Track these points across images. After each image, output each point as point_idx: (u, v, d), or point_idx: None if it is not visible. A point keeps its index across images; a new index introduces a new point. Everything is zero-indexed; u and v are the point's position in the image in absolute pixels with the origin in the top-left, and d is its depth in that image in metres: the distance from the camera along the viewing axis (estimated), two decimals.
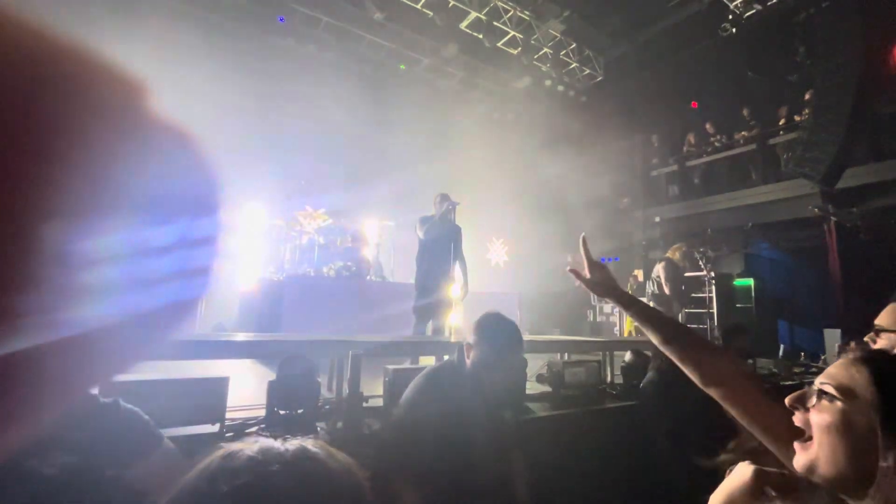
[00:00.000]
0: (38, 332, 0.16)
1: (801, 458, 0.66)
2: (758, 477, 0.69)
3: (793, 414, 0.69)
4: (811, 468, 0.64)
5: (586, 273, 1.20)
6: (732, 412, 0.90)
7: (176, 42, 6.61)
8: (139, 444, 1.06)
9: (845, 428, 0.61)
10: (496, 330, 1.66)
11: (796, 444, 0.68)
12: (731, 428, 0.97)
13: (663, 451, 2.26)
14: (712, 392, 0.94)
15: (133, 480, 1.00)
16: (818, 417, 0.65)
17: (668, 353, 1.03)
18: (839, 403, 0.63)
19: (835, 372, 0.67)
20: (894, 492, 0.56)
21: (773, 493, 0.66)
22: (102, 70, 0.20)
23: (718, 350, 1.02)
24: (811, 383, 0.70)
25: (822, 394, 0.66)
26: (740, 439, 0.91)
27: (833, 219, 7.14)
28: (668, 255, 5.95)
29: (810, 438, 0.66)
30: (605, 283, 1.19)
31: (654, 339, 1.05)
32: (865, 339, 1.25)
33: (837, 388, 0.64)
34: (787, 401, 0.72)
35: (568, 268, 1.29)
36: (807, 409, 0.68)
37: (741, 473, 0.71)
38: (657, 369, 2.66)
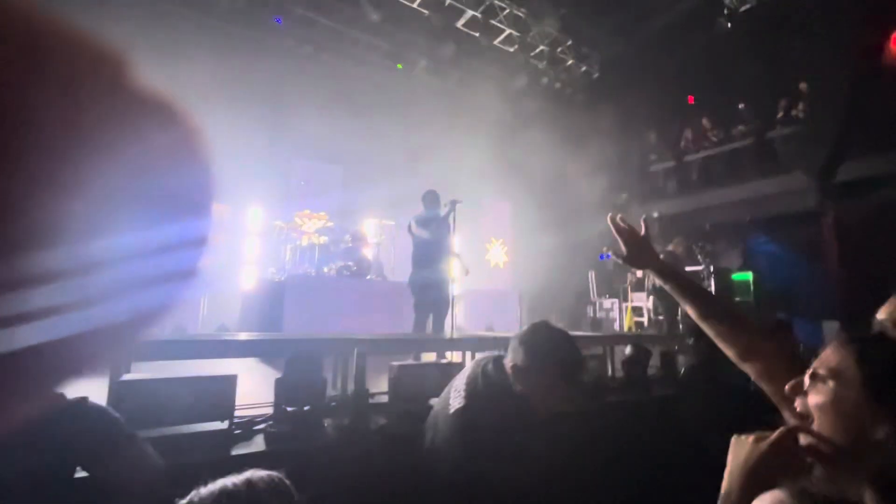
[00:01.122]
0: (21, 333, 0.15)
1: (804, 441, 0.69)
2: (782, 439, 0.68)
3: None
4: (817, 451, 0.67)
5: (622, 250, 1.17)
6: (768, 391, 0.90)
7: (172, 45, 6.61)
8: (107, 442, 1.04)
9: (836, 406, 0.65)
10: (559, 350, 1.39)
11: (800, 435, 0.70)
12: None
13: (706, 436, 2.27)
14: (748, 368, 0.94)
15: (102, 478, 1.00)
16: (813, 399, 0.69)
17: (705, 327, 1.02)
18: (830, 383, 0.67)
19: (826, 355, 0.71)
20: (887, 462, 0.59)
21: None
22: (77, 45, 0.17)
23: (758, 327, 1.00)
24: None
25: (815, 377, 0.70)
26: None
27: (831, 212, 7.17)
28: (671, 248, 5.98)
29: (813, 421, 0.69)
30: (644, 256, 1.16)
31: (693, 314, 1.04)
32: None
33: (828, 369, 0.68)
34: (786, 389, 0.74)
35: (606, 249, 1.25)
36: (805, 395, 0.71)
37: (759, 446, 0.70)
38: (698, 355, 2.68)
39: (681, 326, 6.21)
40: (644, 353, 3.26)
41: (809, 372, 0.72)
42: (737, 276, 7.83)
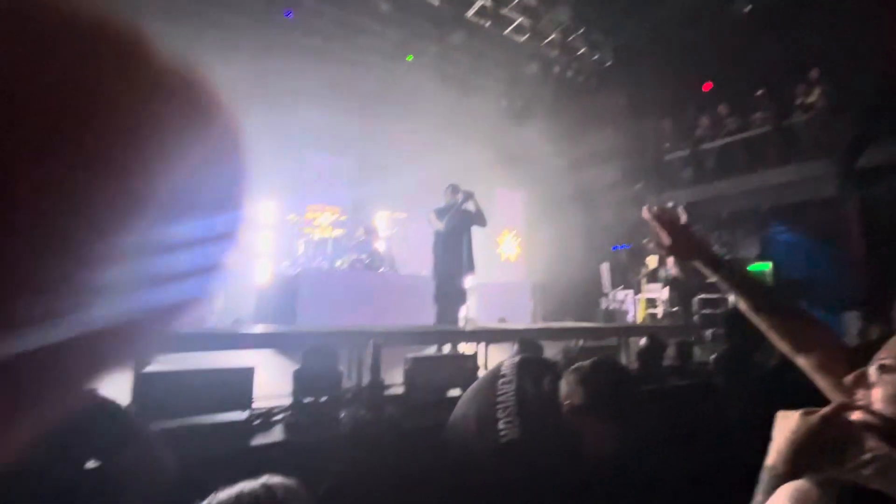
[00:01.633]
0: (51, 332, 0.15)
1: (861, 416, 0.68)
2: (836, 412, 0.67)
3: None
4: (872, 425, 0.66)
5: (665, 241, 1.09)
6: (823, 384, 0.87)
7: (179, 39, 6.64)
8: (119, 433, 1.03)
9: None
10: (622, 398, 1.32)
11: (855, 408, 0.69)
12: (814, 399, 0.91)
13: (738, 424, 2.25)
14: (802, 361, 0.90)
15: (112, 472, 1.01)
16: (884, 390, 0.66)
17: (758, 319, 0.98)
18: None
19: (894, 346, 0.69)
20: None
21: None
22: (96, 25, 0.16)
23: (812, 318, 0.96)
24: None
25: (883, 368, 0.67)
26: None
27: (853, 199, 6.99)
28: None
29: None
30: (690, 247, 1.08)
31: (744, 306, 1.00)
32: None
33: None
34: (846, 380, 0.72)
35: (646, 241, 1.16)
36: (868, 388, 0.69)
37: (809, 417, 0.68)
38: (730, 344, 2.66)
39: (695, 318, 6.13)
40: (659, 345, 3.23)
41: (877, 363, 0.69)
42: (754, 266, 7.69)
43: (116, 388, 2.30)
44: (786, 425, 0.69)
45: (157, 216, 0.18)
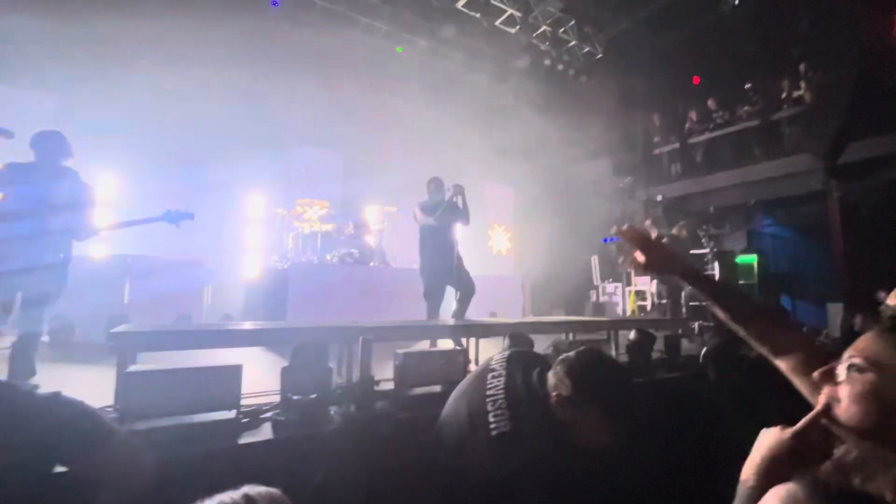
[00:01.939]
0: None
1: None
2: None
3: None
4: (837, 427, 0.68)
5: (640, 259, 1.10)
6: (801, 385, 0.89)
7: (170, 32, 6.51)
8: (86, 436, 1.00)
9: (875, 396, 0.64)
10: (610, 386, 1.32)
11: (822, 400, 0.71)
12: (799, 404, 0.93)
13: (729, 412, 2.29)
14: (782, 363, 0.93)
15: (83, 474, 0.98)
16: (850, 389, 0.67)
17: (736, 327, 1.01)
18: (869, 374, 0.66)
19: (863, 345, 0.69)
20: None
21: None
22: None
23: (788, 323, 1.01)
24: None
25: (852, 366, 0.68)
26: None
27: (836, 194, 7.10)
28: (674, 232, 5.95)
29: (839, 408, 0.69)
30: (665, 260, 1.09)
31: (722, 316, 1.02)
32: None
33: (866, 359, 0.67)
34: (814, 376, 0.73)
35: (619, 261, 1.16)
36: (836, 384, 0.70)
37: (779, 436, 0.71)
38: (720, 336, 2.70)
39: (684, 310, 6.21)
40: (648, 338, 3.26)
41: (845, 361, 0.70)
42: (741, 259, 7.80)
43: (100, 387, 2.25)
44: (763, 440, 0.71)
45: None
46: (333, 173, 8.19)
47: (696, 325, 5.70)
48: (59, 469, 0.97)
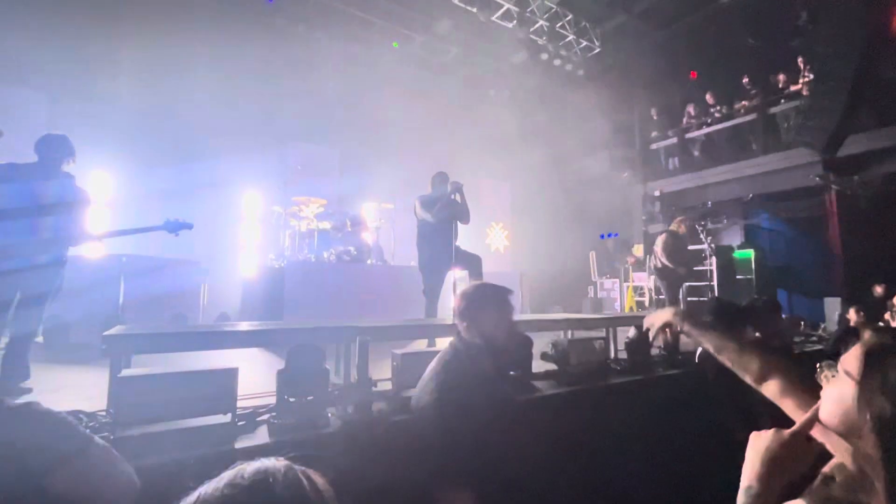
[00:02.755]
0: None
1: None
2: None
3: None
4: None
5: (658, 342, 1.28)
6: (787, 407, 0.95)
7: (165, 29, 6.44)
8: (60, 447, 0.96)
9: (840, 401, 0.70)
10: (481, 288, 1.65)
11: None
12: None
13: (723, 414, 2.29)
14: (766, 389, 1.00)
15: (58, 487, 0.96)
16: (826, 392, 0.75)
17: (722, 359, 1.11)
18: (839, 381, 0.72)
19: (849, 354, 0.74)
20: (867, 447, 0.64)
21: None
22: None
23: (768, 352, 1.07)
24: (811, 352, 0.78)
25: (833, 372, 0.76)
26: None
27: (834, 187, 7.10)
28: (673, 227, 5.93)
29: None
30: (675, 333, 1.24)
31: (710, 349, 1.14)
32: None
33: (842, 364, 0.73)
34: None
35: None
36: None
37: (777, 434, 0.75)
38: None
39: (682, 305, 6.21)
40: (647, 335, 3.25)
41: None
42: (738, 254, 7.80)
43: (95, 390, 2.22)
44: (758, 444, 0.74)
45: None
46: (330, 170, 8.14)
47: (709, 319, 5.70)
48: (30, 484, 0.93)
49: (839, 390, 0.71)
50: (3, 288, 2.45)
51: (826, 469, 0.76)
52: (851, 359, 0.71)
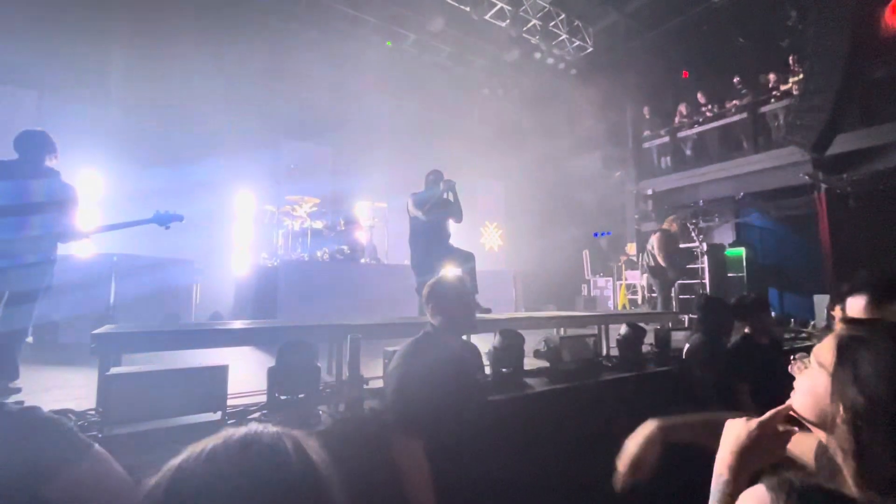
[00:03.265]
0: None
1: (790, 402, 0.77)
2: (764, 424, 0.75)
3: None
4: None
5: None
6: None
7: (158, 28, 6.39)
8: (60, 454, 0.95)
9: (813, 391, 0.71)
10: (450, 281, 1.88)
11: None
12: (779, 387, 0.96)
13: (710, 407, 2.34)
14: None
15: (56, 494, 0.92)
16: (800, 381, 0.76)
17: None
18: (812, 371, 0.73)
19: (822, 345, 0.74)
20: (840, 438, 0.64)
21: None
22: None
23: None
24: (800, 348, 0.78)
25: (807, 362, 0.76)
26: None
27: (823, 186, 7.18)
28: (665, 226, 5.98)
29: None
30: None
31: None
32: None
33: (814, 355, 0.73)
34: (793, 369, 0.80)
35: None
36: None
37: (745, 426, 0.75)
38: (703, 331, 2.74)
39: (674, 303, 6.26)
40: (639, 332, 3.28)
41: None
42: (730, 252, 7.87)
43: (84, 390, 2.21)
44: (730, 434, 0.76)
45: None
46: (323, 169, 8.12)
47: (685, 317, 5.75)
48: (27, 491, 0.92)
49: (812, 381, 0.72)
50: None
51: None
52: (824, 350, 0.71)
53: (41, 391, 2.39)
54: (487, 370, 2.63)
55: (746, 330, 2.73)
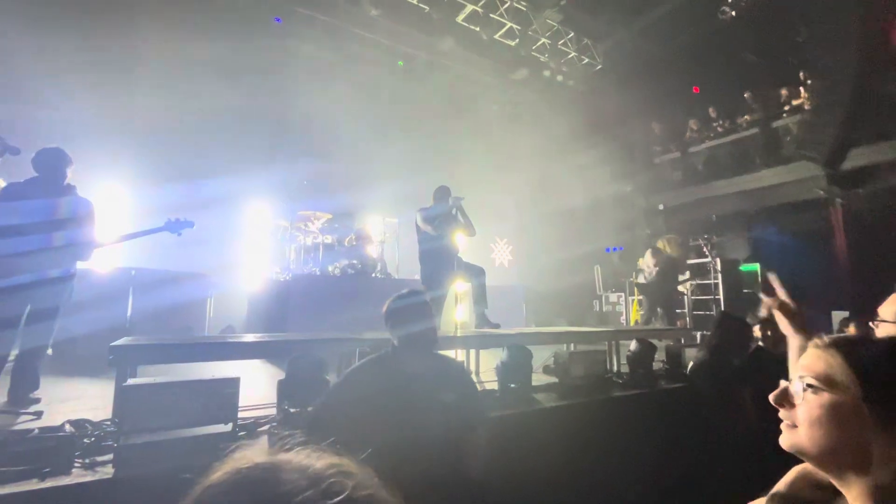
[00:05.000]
0: None
1: (787, 439, 0.68)
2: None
3: None
4: (800, 451, 0.66)
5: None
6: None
7: (177, 48, 6.65)
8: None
9: (834, 416, 0.62)
10: (407, 300, 1.80)
11: (783, 426, 0.68)
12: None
13: (716, 427, 2.29)
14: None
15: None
16: (806, 411, 0.65)
17: None
18: (824, 395, 0.64)
19: (809, 362, 0.67)
20: (892, 463, 0.57)
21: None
22: None
23: None
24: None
25: (806, 387, 0.66)
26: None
27: (839, 200, 7.08)
28: (659, 245, 6.02)
29: (795, 426, 0.67)
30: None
31: None
32: (870, 324, 1.27)
33: (817, 377, 0.65)
34: (771, 398, 0.71)
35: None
36: (793, 406, 0.68)
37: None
38: (709, 349, 2.71)
39: (688, 320, 6.18)
40: (649, 348, 3.25)
41: (795, 380, 0.68)
42: (744, 268, 7.76)
43: (101, 400, 2.27)
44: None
45: None
46: (335, 184, 8.25)
47: (698, 334, 5.67)
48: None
49: (825, 410, 0.63)
50: (15, 302, 2.52)
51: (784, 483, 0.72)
52: (825, 362, 0.66)
53: (59, 401, 2.45)
54: (493, 385, 2.63)
55: (760, 343, 2.72)
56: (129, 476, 1.42)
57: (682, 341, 4.45)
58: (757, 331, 2.80)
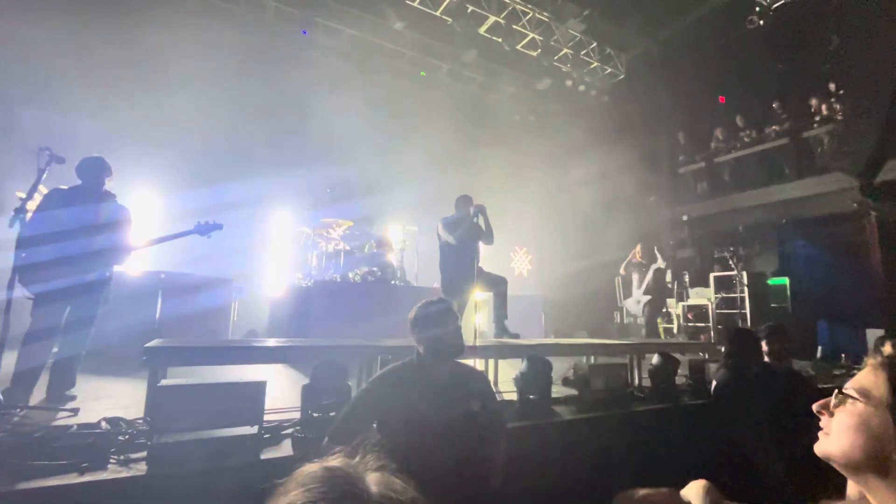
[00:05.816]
0: None
1: (820, 446, 0.71)
2: None
3: None
4: (827, 456, 0.70)
5: None
6: None
7: (206, 60, 6.91)
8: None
9: (863, 427, 0.65)
10: (425, 305, 1.78)
11: (820, 433, 0.72)
12: (805, 423, 0.87)
13: (742, 446, 2.25)
14: None
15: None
16: (839, 419, 0.69)
17: None
18: (859, 405, 0.67)
19: (860, 377, 0.70)
20: None
21: None
22: None
23: None
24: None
25: (844, 397, 0.69)
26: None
27: (873, 213, 6.82)
28: (630, 257, 6.18)
29: (828, 433, 0.70)
30: None
31: None
32: None
33: (858, 390, 0.68)
34: (814, 407, 0.74)
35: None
36: (831, 414, 0.70)
37: None
38: (729, 367, 2.68)
39: (712, 333, 6.04)
40: (672, 362, 3.19)
41: (838, 391, 0.71)
42: (773, 281, 7.53)
43: (131, 399, 2.36)
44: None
45: None
46: (356, 193, 8.38)
47: (722, 348, 5.53)
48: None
49: (857, 419, 0.65)
50: (57, 308, 2.66)
51: None
52: (868, 382, 0.67)
53: (93, 399, 2.56)
54: (512, 396, 2.62)
55: (766, 359, 2.71)
56: (161, 473, 1.47)
57: (706, 356, 4.34)
58: (763, 345, 2.77)
